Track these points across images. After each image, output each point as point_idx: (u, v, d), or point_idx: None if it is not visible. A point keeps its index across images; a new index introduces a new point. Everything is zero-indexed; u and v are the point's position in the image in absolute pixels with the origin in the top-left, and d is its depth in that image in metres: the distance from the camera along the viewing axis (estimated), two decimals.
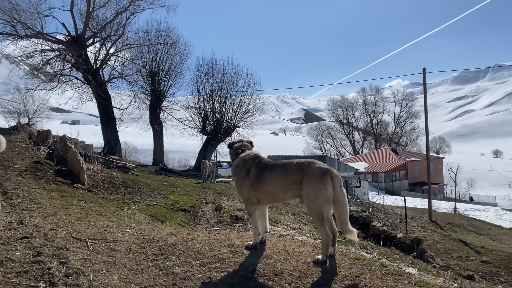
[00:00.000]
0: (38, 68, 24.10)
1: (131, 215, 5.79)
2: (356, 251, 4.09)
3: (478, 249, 14.17)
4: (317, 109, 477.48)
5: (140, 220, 5.52)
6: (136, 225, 4.85)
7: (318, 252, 3.84)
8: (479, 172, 68.79)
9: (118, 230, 4.44)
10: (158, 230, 4.54)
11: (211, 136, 25.45)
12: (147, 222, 5.39)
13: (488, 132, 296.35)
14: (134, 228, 4.60)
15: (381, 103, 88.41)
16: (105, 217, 5.14)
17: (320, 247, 4.02)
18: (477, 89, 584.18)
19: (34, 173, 8.14)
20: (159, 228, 4.74)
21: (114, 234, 4.22)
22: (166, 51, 26.02)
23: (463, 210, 30.46)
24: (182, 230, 4.73)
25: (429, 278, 3.33)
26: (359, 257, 3.77)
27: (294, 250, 3.89)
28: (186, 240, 4.05)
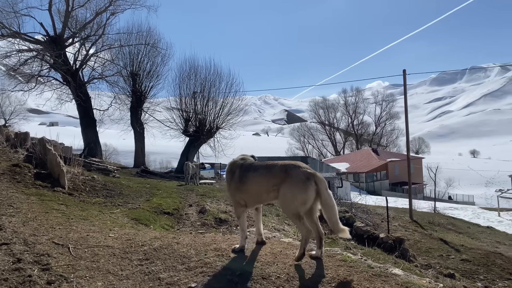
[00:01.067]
0: (15, 68, 23.53)
1: (114, 219, 5.68)
2: (342, 253, 4.10)
3: (458, 248, 14.44)
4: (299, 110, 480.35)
5: (123, 224, 5.42)
6: (119, 229, 4.76)
7: (305, 255, 3.83)
8: (457, 171, 70.27)
9: (101, 234, 4.35)
10: (143, 234, 4.46)
11: (193, 137, 25.27)
12: (130, 226, 5.30)
13: (465, 132, 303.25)
14: (117, 233, 4.51)
15: (362, 104, 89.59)
16: (87, 222, 5.03)
17: (307, 249, 4.02)
18: (454, 90, 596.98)
19: (12, 176, 7.92)
20: (143, 232, 4.66)
21: (97, 239, 4.12)
22: (148, 52, 25.76)
23: (442, 209, 31.04)
24: (167, 234, 4.66)
25: (415, 279, 3.35)
26: (346, 259, 3.78)
27: (281, 253, 3.88)
28: (172, 244, 3.99)
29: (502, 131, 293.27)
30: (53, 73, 24.75)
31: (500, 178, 64.81)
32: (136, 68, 25.50)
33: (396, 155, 63.90)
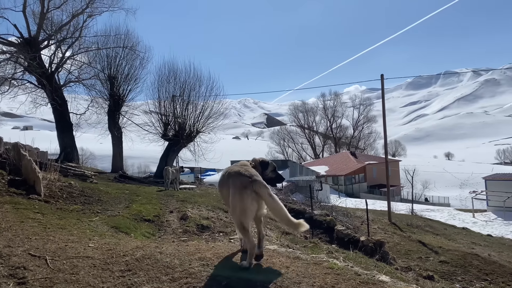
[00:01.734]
0: None
1: (93, 228, 5.50)
2: (328, 260, 4.07)
3: (436, 249, 14.69)
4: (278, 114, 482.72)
5: (103, 232, 5.25)
6: (99, 239, 4.60)
7: (292, 262, 3.78)
8: (433, 174, 71.72)
9: (80, 244, 4.19)
10: (124, 244, 4.33)
11: (173, 141, 24.96)
12: (110, 234, 5.14)
13: (440, 135, 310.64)
14: (97, 242, 4.36)
15: (340, 108, 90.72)
16: (65, 231, 4.85)
17: (292, 257, 3.97)
18: (429, 94, 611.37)
19: None
20: (124, 242, 4.52)
21: (76, 250, 3.97)
22: (126, 55, 25.37)
23: (419, 211, 31.61)
24: (150, 243, 4.53)
25: (402, 286, 3.35)
26: (333, 266, 3.74)
27: (267, 261, 3.82)
28: (154, 254, 3.88)
29: (475, 134, 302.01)
30: (27, 76, 24.10)
31: (474, 180, 66.40)
32: (114, 71, 25.09)
33: (374, 158, 64.84)
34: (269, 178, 4.79)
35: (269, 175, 4.78)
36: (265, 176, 4.73)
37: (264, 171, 4.76)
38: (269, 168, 4.81)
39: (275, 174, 4.86)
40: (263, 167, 4.80)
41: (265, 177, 4.72)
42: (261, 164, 4.83)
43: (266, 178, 4.73)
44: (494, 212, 32.92)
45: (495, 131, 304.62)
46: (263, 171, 4.75)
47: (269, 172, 4.79)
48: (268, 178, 4.77)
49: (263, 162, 4.86)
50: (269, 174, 4.79)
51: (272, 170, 4.84)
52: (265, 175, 4.74)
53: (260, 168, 4.78)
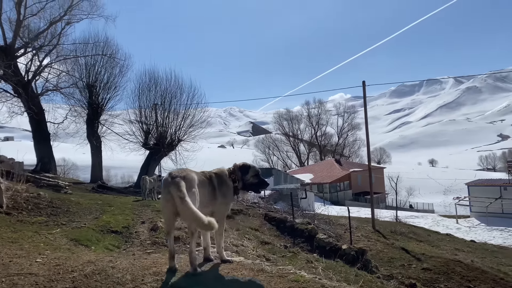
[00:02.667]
0: None
1: (49, 241, 5.14)
2: (296, 272, 3.79)
3: (419, 257, 14.53)
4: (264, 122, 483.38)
5: (59, 246, 4.90)
6: (51, 253, 4.25)
7: (254, 275, 3.50)
8: (417, 180, 72.30)
9: (27, 260, 3.84)
10: (75, 258, 3.99)
11: (153, 150, 24.55)
12: (66, 248, 4.79)
13: (424, 142, 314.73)
14: (47, 257, 4.01)
15: (325, 115, 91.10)
16: (16, 245, 4.49)
17: (256, 269, 3.69)
18: (413, 102, 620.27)
19: None
20: (77, 256, 4.18)
21: (21, 266, 3.62)
22: (105, 63, 24.95)
23: (404, 217, 31.59)
24: (104, 257, 4.19)
25: None
26: (298, 279, 3.47)
27: (228, 275, 3.53)
28: (106, 269, 3.56)
29: (457, 140, 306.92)
30: (3, 84, 23.46)
31: (457, 186, 67.05)
32: (93, 79, 24.61)
33: (359, 165, 65.02)
34: (250, 184, 4.57)
35: (250, 180, 4.54)
36: (245, 181, 4.52)
37: (244, 176, 4.51)
38: (250, 172, 4.54)
39: (257, 179, 4.59)
40: (243, 172, 4.50)
41: (246, 183, 4.52)
42: (241, 169, 4.53)
43: (247, 183, 4.53)
44: (477, 218, 33.13)
45: (478, 138, 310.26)
46: (242, 176, 4.51)
47: (249, 177, 4.54)
48: (249, 184, 4.56)
49: (243, 166, 4.57)
50: (250, 180, 4.54)
51: (254, 175, 4.57)
52: (246, 181, 4.52)
53: (240, 174, 4.49)
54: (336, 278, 7.48)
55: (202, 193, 3.99)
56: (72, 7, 24.39)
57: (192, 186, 3.77)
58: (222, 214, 4.37)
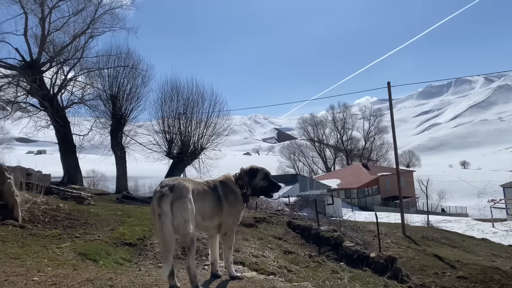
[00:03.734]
0: None
1: (55, 256, 4.92)
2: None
3: (454, 264, 13.75)
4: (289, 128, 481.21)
5: (65, 261, 4.67)
6: (52, 270, 4.02)
7: None
8: (449, 183, 70.08)
9: (23, 278, 3.61)
10: (75, 276, 3.73)
11: (177, 159, 24.51)
12: (71, 264, 4.55)
13: (454, 144, 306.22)
14: (46, 275, 3.77)
15: (350, 119, 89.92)
16: (18, 261, 4.28)
17: (267, 287, 3.33)
18: (441, 103, 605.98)
19: None
20: (77, 273, 3.93)
21: (15, 285, 3.39)
22: (127, 73, 25.10)
23: (436, 222, 30.42)
24: (105, 274, 3.92)
25: None
26: None
27: None
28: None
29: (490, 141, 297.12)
30: (30, 99, 24.04)
31: (492, 188, 64.55)
32: (116, 90, 24.82)
33: (387, 169, 63.54)
34: (261, 188, 4.31)
35: (259, 184, 4.28)
36: (254, 185, 4.27)
37: (252, 180, 4.25)
38: (258, 176, 4.27)
39: (267, 182, 4.32)
40: (250, 176, 4.22)
41: (256, 187, 4.29)
42: (248, 173, 4.24)
43: (257, 188, 4.30)
44: None
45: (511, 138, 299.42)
46: (250, 181, 4.24)
47: (258, 180, 4.27)
48: (259, 188, 4.31)
49: (250, 170, 4.27)
50: (259, 183, 4.28)
51: (263, 178, 4.30)
52: (255, 184, 4.27)
53: (247, 178, 4.21)
54: None
55: (203, 205, 3.68)
56: (94, 20, 24.82)
57: (182, 195, 3.45)
58: (230, 227, 4.03)
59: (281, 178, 43.54)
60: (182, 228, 3.40)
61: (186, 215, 3.38)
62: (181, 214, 3.37)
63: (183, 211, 3.37)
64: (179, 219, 3.37)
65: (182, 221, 3.38)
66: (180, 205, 3.37)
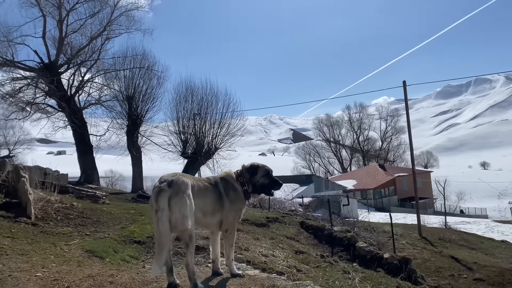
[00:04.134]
0: (12, 95, 23.22)
1: (62, 253, 4.97)
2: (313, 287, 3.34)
3: (471, 266, 13.47)
4: (305, 129, 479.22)
5: (71, 258, 4.71)
6: (56, 266, 4.05)
7: None
8: (468, 184, 68.80)
9: (27, 274, 3.65)
10: (77, 272, 3.76)
11: (191, 159, 24.66)
12: (77, 260, 4.58)
13: (474, 144, 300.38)
14: (50, 270, 3.81)
15: (367, 120, 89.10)
16: (24, 257, 4.33)
17: (267, 285, 3.29)
18: (460, 103, 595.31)
19: None
20: (80, 270, 3.95)
21: (17, 281, 3.42)
22: (143, 74, 25.34)
23: (454, 223, 29.89)
24: (107, 271, 3.94)
25: None
26: None
27: None
28: (103, 285, 3.29)
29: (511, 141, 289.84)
30: (48, 100, 24.50)
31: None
32: (131, 91, 25.09)
33: (404, 170, 62.60)
34: (262, 185, 4.32)
35: (260, 181, 4.28)
36: (255, 182, 4.28)
37: (252, 177, 4.25)
38: (259, 173, 4.27)
39: (268, 179, 4.32)
40: (251, 173, 4.23)
41: (256, 184, 4.30)
42: (249, 170, 4.24)
43: (258, 185, 4.30)
44: None
45: None
46: (251, 178, 4.25)
47: (259, 177, 4.27)
48: (260, 185, 4.31)
49: (251, 167, 4.28)
50: (260, 180, 4.28)
51: (264, 175, 4.30)
52: (255, 182, 4.27)
53: (248, 175, 4.22)
54: None
55: (204, 201, 3.67)
56: (110, 22, 25.12)
57: (180, 191, 3.44)
58: (232, 223, 4.01)
59: (295, 178, 43.36)
60: (180, 224, 3.39)
61: (184, 211, 3.37)
62: (179, 210, 3.36)
63: (181, 207, 3.36)
64: (177, 214, 3.36)
65: (180, 217, 3.37)
66: (178, 200, 3.36)
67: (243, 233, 9.95)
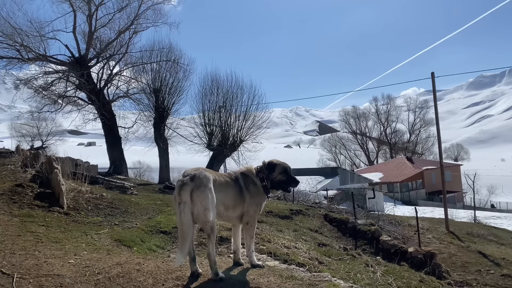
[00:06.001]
0: (45, 88, 24.07)
1: (93, 241, 5.23)
2: (330, 280, 3.44)
3: (498, 261, 13.20)
4: (331, 121, 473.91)
5: (100, 247, 4.96)
6: (88, 254, 4.29)
7: (281, 283, 3.21)
8: (500, 178, 66.79)
9: (60, 261, 3.89)
10: (107, 260, 3.98)
11: (217, 151, 24.98)
12: (106, 249, 4.82)
13: (508, 137, 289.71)
14: (81, 258, 4.04)
15: (394, 111, 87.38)
16: (58, 245, 4.60)
17: (286, 276, 3.40)
18: (493, 94, 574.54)
19: (11, 197, 7.69)
20: (109, 257, 4.17)
21: (52, 267, 3.66)
22: (169, 67, 25.75)
23: (483, 218, 29.20)
24: (135, 259, 4.14)
25: None
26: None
27: (253, 281, 3.28)
28: (131, 272, 3.48)
29: None
30: (78, 93, 25.25)
31: None
32: (158, 84, 25.55)
33: (433, 163, 61.24)
34: (279, 182, 4.47)
35: (277, 178, 4.44)
36: (273, 179, 4.43)
37: (270, 174, 4.42)
38: (276, 170, 4.43)
39: (285, 176, 4.47)
40: (269, 170, 4.40)
41: (274, 180, 4.44)
42: (267, 167, 4.41)
43: (275, 181, 4.44)
44: None
45: None
46: (269, 174, 4.41)
47: (277, 174, 4.43)
48: (277, 182, 4.46)
49: (270, 164, 4.45)
50: (277, 177, 4.43)
51: (281, 172, 4.46)
52: (273, 178, 4.42)
53: (266, 172, 4.38)
54: (396, 284, 6.92)
55: (225, 195, 3.84)
56: (138, 16, 25.56)
57: (202, 184, 3.59)
58: (252, 216, 4.16)
59: (321, 171, 43.19)
60: (202, 216, 3.55)
61: (206, 204, 3.52)
62: (200, 203, 3.52)
63: (203, 200, 3.51)
64: (199, 207, 3.52)
65: (202, 209, 3.53)
66: (200, 193, 3.52)
67: (266, 225, 10.10)
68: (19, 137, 53.85)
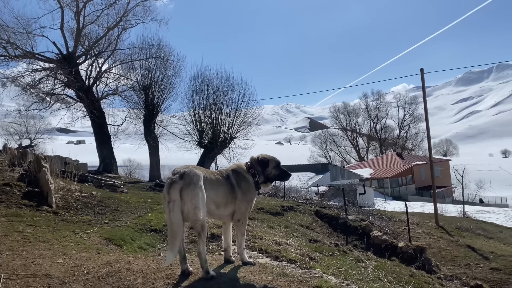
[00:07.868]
0: (33, 86, 23.75)
1: (82, 240, 5.17)
2: (322, 276, 3.43)
3: (487, 255, 13.36)
4: (321, 117, 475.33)
5: (90, 246, 4.90)
6: (76, 253, 4.23)
7: (273, 280, 3.20)
8: (488, 173, 67.67)
9: (48, 260, 3.83)
10: (96, 259, 3.93)
11: (208, 148, 24.87)
12: (96, 248, 4.77)
13: (495, 132, 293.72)
14: (70, 258, 3.99)
15: (384, 108, 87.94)
16: (46, 245, 4.53)
17: (277, 273, 3.39)
18: (481, 90, 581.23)
19: None
20: (99, 256, 4.12)
21: (40, 267, 3.60)
22: (159, 64, 25.55)
23: (472, 212, 29.57)
24: (124, 258, 4.10)
25: None
26: (322, 285, 3.12)
27: (244, 279, 3.26)
28: (121, 271, 3.44)
29: None
30: (67, 90, 24.96)
31: None
32: (148, 81, 25.35)
33: (422, 158, 61.80)
34: (273, 176, 4.60)
35: (272, 173, 4.55)
36: (268, 174, 4.52)
37: (264, 170, 4.49)
38: (270, 165, 4.52)
39: (278, 170, 4.59)
40: (263, 166, 4.45)
41: (269, 176, 4.55)
42: (260, 163, 4.44)
43: (270, 176, 4.56)
44: None
45: None
46: (264, 170, 4.48)
47: (271, 169, 4.53)
48: (272, 176, 4.60)
49: (262, 160, 4.49)
50: (272, 172, 4.55)
51: (275, 166, 4.56)
52: (268, 174, 4.52)
53: (260, 168, 4.41)
54: (387, 279, 6.95)
55: (216, 193, 3.83)
56: (127, 13, 25.32)
57: (191, 182, 3.56)
58: (244, 213, 4.15)
59: (311, 167, 43.33)
60: (192, 215, 3.51)
61: (196, 202, 3.49)
62: (190, 201, 3.48)
63: (193, 198, 3.48)
64: (189, 205, 3.48)
65: (192, 208, 3.49)
66: (189, 192, 3.48)
67: (257, 221, 10.08)
68: (6, 136, 53.04)
